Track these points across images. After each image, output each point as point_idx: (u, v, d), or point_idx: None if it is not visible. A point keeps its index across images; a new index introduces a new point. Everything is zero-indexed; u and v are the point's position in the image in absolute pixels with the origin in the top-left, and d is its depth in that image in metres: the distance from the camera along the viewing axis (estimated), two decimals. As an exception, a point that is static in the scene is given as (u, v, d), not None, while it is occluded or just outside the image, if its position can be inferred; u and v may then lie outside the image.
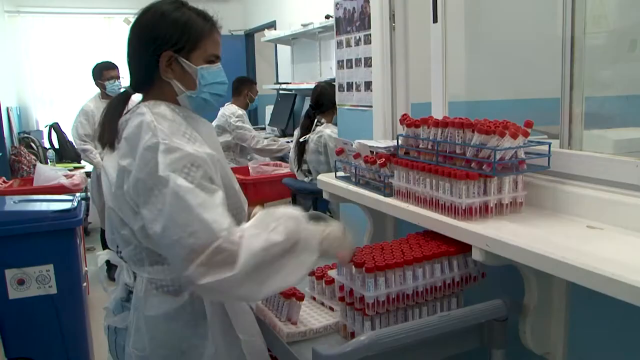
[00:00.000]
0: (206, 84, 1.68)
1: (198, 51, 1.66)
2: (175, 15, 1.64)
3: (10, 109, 7.20)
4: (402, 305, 1.60)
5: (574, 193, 1.70)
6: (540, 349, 1.70)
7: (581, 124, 1.87)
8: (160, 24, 1.63)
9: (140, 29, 1.66)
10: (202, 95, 1.69)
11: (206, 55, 1.68)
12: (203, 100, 1.70)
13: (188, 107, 1.70)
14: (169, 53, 1.62)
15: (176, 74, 1.65)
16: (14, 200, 3.47)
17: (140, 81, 1.70)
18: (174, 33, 1.62)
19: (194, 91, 1.67)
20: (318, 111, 4.45)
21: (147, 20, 1.65)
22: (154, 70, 1.64)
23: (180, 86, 1.66)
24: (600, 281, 1.23)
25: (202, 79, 1.67)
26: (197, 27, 1.66)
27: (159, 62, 1.63)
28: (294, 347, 1.62)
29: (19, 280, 3.14)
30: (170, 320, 1.62)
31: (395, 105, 2.65)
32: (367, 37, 2.74)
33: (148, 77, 1.67)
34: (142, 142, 1.50)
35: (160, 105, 1.63)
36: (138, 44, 1.67)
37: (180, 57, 1.64)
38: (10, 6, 8.12)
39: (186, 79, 1.66)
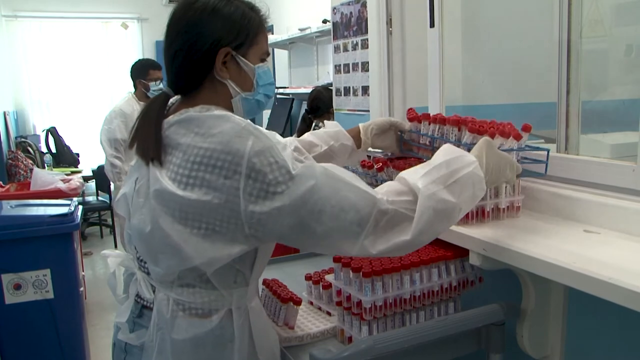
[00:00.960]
0: (263, 84, 1.54)
1: (255, 47, 1.51)
2: (229, 9, 1.47)
3: (7, 113, 7.20)
4: (399, 310, 1.60)
5: (571, 197, 1.70)
6: (538, 353, 1.70)
7: (578, 128, 1.88)
8: (213, 19, 1.45)
9: (189, 26, 1.45)
10: (257, 96, 1.54)
11: (262, 52, 1.54)
12: (257, 102, 1.55)
13: (240, 110, 1.53)
14: (227, 50, 1.45)
15: (232, 73, 1.49)
16: (10, 205, 3.46)
17: (187, 83, 1.49)
18: (231, 28, 1.46)
19: (250, 92, 1.52)
20: (313, 115, 4.45)
21: (195, 15, 1.45)
22: (206, 70, 1.46)
23: (236, 87, 1.50)
24: (598, 285, 1.23)
25: (259, 78, 1.53)
26: (252, 21, 1.51)
27: (215, 61, 1.45)
28: (291, 352, 1.62)
29: (15, 285, 3.14)
30: (198, 345, 1.46)
31: (392, 109, 2.65)
32: (364, 41, 2.75)
33: (197, 79, 1.47)
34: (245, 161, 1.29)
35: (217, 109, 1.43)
36: (186, 42, 1.45)
37: (238, 54, 1.48)
38: (8, 10, 8.13)
39: (242, 78, 1.50)
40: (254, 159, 1.28)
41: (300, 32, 6.04)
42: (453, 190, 1.36)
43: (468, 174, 1.39)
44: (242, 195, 1.29)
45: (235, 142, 1.30)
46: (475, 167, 1.40)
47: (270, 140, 1.32)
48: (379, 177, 2.00)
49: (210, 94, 1.48)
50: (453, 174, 1.37)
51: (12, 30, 8.27)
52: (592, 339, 1.65)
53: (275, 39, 6.98)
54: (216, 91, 1.49)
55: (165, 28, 1.50)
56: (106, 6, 8.65)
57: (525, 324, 1.65)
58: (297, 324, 1.71)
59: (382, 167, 1.98)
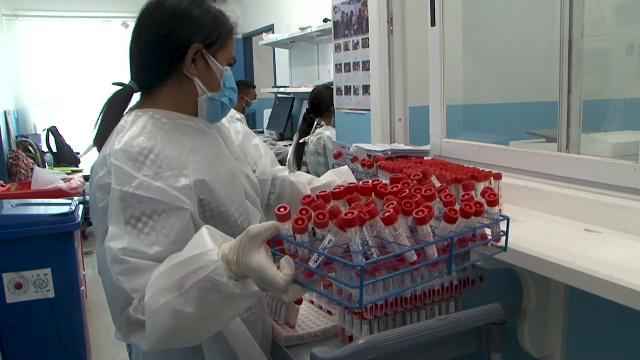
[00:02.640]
0: (229, 87, 1.52)
1: (223, 50, 1.50)
2: (202, 9, 1.47)
3: (8, 112, 7.20)
4: (400, 309, 1.60)
5: (571, 196, 1.70)
6: (539, 352, 1.70)
7: (579, 127, 1.88)
8: (190, 13, 1.44)
9: (162, 19, 1.44)
10: (222, 98, 1.51)
11: (229, 57, 1.53)
12: (221, 104, 1.52)
13: (204, 111, 1.51)
14: (198, 46, 1.44)
15: (199, 71, 1.47)
16: (11, 204, 3.46)
17: (152, 77, 1.48)
18: (204, 27, 1.45)
19: (217, 93, 1.50)
20: (315, 114, 4.45)
21: (170, 10, 1.44)
22: (173, 66, 1.45)
23: (203, 86, 1.47)
24: (598, 284, 1.23)
25: (226, 80, 1.51)
26: (224, 25, 1.50)
27: (186, 56, 1.44)
28: (292, 351, 1.61)
29: (16, 284, 3.14)
30: (166, 352, 1.48)
31: (393, 108, 2.65)
32: (365, 40, 2.75)
33: (163, 73, 1.46)
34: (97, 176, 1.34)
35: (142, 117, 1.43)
36: (157, 35, 1.43)
37: (209, 53, 1.47)
38: (8, 10, 8.12)
39: (209, 78, 1.49)
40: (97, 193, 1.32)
41: (301, 31, 6.04)
42: (189, 298, 1.14)
43: (207, 279, 1.13)
44: None
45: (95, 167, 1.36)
46: (214, 270, 1.13)
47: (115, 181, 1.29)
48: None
49: (174, 91, 1.47)
50: (188, 278, 1.14)
51: (13, 30, 8.27)
52: (592, 338, 1.65)
53: (276, 38, 6.99)
54: (181, 89, 1.47)
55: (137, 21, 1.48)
56: (107, 5, 8.64)
57: (526, 323, 1.65)
58: (297, 323, 1.71)
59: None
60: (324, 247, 1.07)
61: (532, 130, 2.56)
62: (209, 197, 1.42)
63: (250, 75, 9.27)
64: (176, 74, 1.46)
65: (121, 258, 1.23)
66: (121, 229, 1.26)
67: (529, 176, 1.89)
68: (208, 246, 1.16)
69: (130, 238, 1.25)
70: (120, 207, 1.27)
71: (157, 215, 1.28)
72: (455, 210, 1.16)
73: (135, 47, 1.48)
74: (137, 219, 1.27)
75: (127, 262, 1.23)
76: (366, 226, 1.08)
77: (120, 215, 1.26)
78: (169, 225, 1.29)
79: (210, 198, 1.42)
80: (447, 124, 2.32)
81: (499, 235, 1.32)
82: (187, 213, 1.32)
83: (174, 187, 1.31)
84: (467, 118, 2.70)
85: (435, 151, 2.31)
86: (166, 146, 1.36)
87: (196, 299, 1.13)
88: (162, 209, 1.29)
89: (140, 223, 1.27)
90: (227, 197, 1.46)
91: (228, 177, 1.50)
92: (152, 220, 1.28)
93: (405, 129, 2.66)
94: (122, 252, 1.23)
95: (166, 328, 1.15)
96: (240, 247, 1.12)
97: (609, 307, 1.27)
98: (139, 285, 1.21)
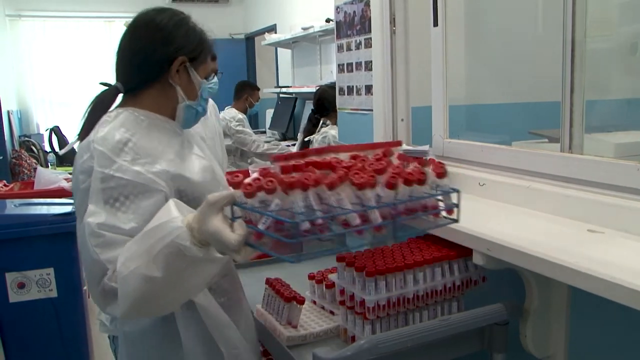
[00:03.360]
0: (205, 98, 1.69)
1: (204, 65, 1.67)
2: (193, 25, 1.66)
3: (11, 112, 7.21)
4: (402, 309, 1.60)
5: (574, 197, 1.69)
6: (541, 352, 1.69)
7: (582, 128, 1.87)
8: (179, 29, 1.62)
9: (157, 29, 1.61)
10: (198, 107, 1.68)
11: (207, 72, 1.69)
12: (196, 112, 1.69)
13: (180, 117, 1.66)
14: (184, 59, 1.60)
15: (182, 81, 1.62)
16: (14, 204, 3.46)
17: (139, 82, 1.63)
18: (191, 41, 1.63)
19: (194, 102, 1.66)
20: (320, 114, 4.46)
21: (164, 21, 1.62)
22: (160, 73, 1.60)
23: (183, 94, 1.63)
24: (601, 285, 1.22)
25: (203, 92, 1.67)
26: (208, 42, 1.68)
27: (172, 66, 1.60)
28: (294, 351, 1.62)
29: (19, 284, 3.14)
30: (145, 336, 1.62)
31: (396, 109, 2.65)
32: (368, 40, 2.75)
33: (149, 79, 1.62)
34: (81, 160, 1.47)
35: (124, 114, 1.58)
36: (149, 42, 1.61)
37: (192, 66, 1.63)
38: (12, 10, 8.14)
39: (190, 88, 1.65)
40: (80, 175, 1.46)
41: (303, 31, 6.05)
42: (157, 262, 1.24)
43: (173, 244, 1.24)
44: None
45: (79, 152, 1.51)
46: (180, 235, 1.24)
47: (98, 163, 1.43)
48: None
49: (157, 96, 1.63)
50: (156, 245, 1.25)
51: (16, 30, 8.29)
52: (595, 338, 1.65)
53: (278, 38, 6.99)
54: (163, 94, 1.63)
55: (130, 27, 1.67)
56: (109, 5, 8.65)
57: (529, 323, 1.65)
58: (300, 323, 1.72)
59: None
60: (272, 211, 1.19)
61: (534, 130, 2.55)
62: (186, 186, 1.54)
63: (252, 75, 9.28)
64: (161, 81, 1.61)
65: (98, 232, 1.35)
66: (100, 207, 1.38)
67: (531, 176, 1.89)
68: (173, 214, 1.27)
69: (108, 215, 1.37)
70: (101, 188, 1.40)
71: (133, 196, 1.41)
72: (396, 177, 1.28)
73: (127, 53, 1.65)
74: (115, 199, 1.40)
75: (104, 236, 1.35)
76: (312, 193, 1.21)
77: (100, 195, 1.39)
78: (144, 205, 1.41)
79: (187, 187, 1.54)
80: (450, 124, 2.32)
81: (451, 207, 1.42)
82: (162, 194, 1.45)
83: (150, 172, 1.45)
84: (470, 118, 2.70)
85: (437, 151, 2.31)
86: (143, 138, 1.51)
87: (163, 264, 1.23)
88: (139, 190, 1.42)
89: (118, 202, 1.39)
90: (202, 184, 1.58)
91: (201, 169, 1.63)
92: (129, 200, 1.40)
93: (407, 129, 2.65)
94: (99, 227, 1.36)
95: (137, 293, 1.26)
96: (200, 215, 1.24)
97: (611, 308, 1.27)
98: (114, 257, 1.31)
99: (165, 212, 1.29)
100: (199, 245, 1.24)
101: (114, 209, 1.38)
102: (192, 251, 1.23)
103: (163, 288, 1.27)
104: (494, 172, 2.05)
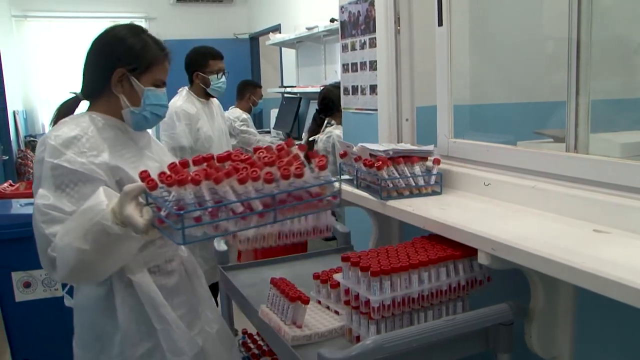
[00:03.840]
0: (149, 103, 1.90)
1: (148, 74, 1.90)
2: (133, 40, 1.89)
3: (17, 112, 7.23)
4: (407, 309, 1.60)
5: (580, 197, 1.69)
6: (547, 353, 1.69)
7: (587, 128, 1.87)
8: (118, 45, 1.88)
9: (100, 45, 1.91)
10: (144, 112, 1.90)
11: (154, 79, 1.91)
12: (144, 117, 1.91)
13: (129, 121, 1.91)
14: (122, 70, 1.86)
15: (125, 90, 1.88)
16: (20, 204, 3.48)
17: (91, 90, 1.94)
18: (130, 55, 1.87)
19: (137, 108, 1.89)
20: (324, 114, 4.45)
21: (107, 39, 1.92)
22: (105, 83, 1.88)
23: (127, 101, 1.88)
24: (607, 285, 1.22)
25: (146, 98, 1.89)
26: (150, 53, 1.90)
27: (112, 77, 1.86)
28: (299, 351, 1.61)
29: (25, 283, 3.15)
30: (89, 308, 1.91)
31: (401, 108, 2.64)
32: (372, 40, 2.74)
33: (98, 88, 1.90)
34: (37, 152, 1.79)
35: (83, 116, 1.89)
36: (95, 57, 1.92)
37: (132, 76, 1.87)
38: (18, 10, 8.16)
39: (133, 96, 1.89)
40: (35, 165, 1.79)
41: (307, 31, 6.05)
42: (87, 238, 1.56)
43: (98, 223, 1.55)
44: None
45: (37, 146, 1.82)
46: (103, 217, 1.55)
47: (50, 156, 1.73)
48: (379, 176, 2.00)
49: (107, 102, 1.91)
50: (85, 224, 1.57)
51: (22, 30, 8.31)
52: (601, 339, 1.65)
53: (282, 38, 6.99)
54: (110, 101, 1.90)
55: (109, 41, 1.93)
56: (115, 6, 8.67)
57: (534, 324, 1.65)
58: (305, 323, 1.71)
59: (381, 166, 1.98)
60: (169, 201, 1.47)
61: (540, 130, 2.55)
62: (123, 177, 1.81)
63: (257, 75, 9.28)
64: (108, 89, 1.89)
65: (45, 211, 1.67)
66: (50, 192, 1.69)
67: (537, 176, 1.88)
68: (100, 199, 1.57)
69: (54, 198, 1.69)
70: (51, 175, 1.70)
71: (79, 182, 1.71)
72: (271, 173, 1.55)
73: (84, 65, 1.94)
74: (64, 184, 1.70)
75: (49, 214, 1.67)
76: (204, 186, 1.48)
77: (50, 181, 1.70)
78: (85, 191, 1.69)
79: (125, 178, 1.80)
80: (455, 124, 2.31)
81: (335, 194, 1.69)
82: (102, 183, 1.72)
83: (93, 163, 1.74)
84: (475, 118, 2.69)
85: (442, 151, 2.30)
86: (94, 136, 1.81)
87: (91, 239, 1.55)
88: (82, 178, 1.72)
89: (66, 187, 1.70)
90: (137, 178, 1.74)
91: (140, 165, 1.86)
92: (74, 186, 1.71)
93: (412, 129, 2.65)
94: (46, 207, 1.67)
95: (72, 261, 1.59)
96: (119, 201, 1.55)
97: (618, 309, 1.26)
98: (56, 231, 1.63)
99: (95, 197, 1.59)
100: (121, 225, 1.55)
101: (60, 193, 1.70)
102: (113, 229, 1.54)
103: (92, 258, 1.60)
104: (499, 172, 2.04)
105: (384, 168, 2.00)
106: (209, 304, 2.14)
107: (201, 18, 8.90)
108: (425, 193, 2.08)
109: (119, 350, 1.86)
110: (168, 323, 1.87)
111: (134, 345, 1.86)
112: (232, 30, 9.18)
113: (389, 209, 2.00)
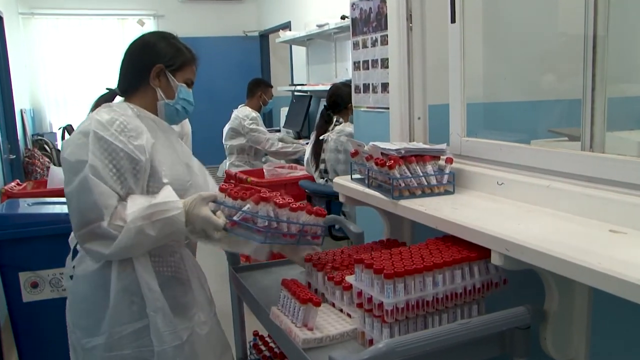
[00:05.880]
0: (182, 98, 2.17)
1: (181, 72, 2.16)
2: (172, 41, 2.17)
3: (24, 111, 7.23)
4: (421, 312, 1.57)
5: (596, 196, 1.66)
6: (562, 356, 1.67)
7: (603, 126, 1.84)
8: (159, 43, 2.14)
9: (140, 46, 2.17)
10: (176, 105, 2.17)
11: (185, 78, 2.18)
12: (176, 109, 2.18)
13: (162, 112, 2.16)
14: (160, 66, 2.11)
15: (162, 84, 2.13)
16: (27, 203, 3.48)
17: (129, 85, 2.15)
18: (168, 53, 2.13)
19: (172, 100, 2.15)
20: (332, 111, 4.44)
21: (145, 41, 2.17)
22: (143, 77, 2.11)
23: (162, 94, 2.13)
24: (624, 287, 1.20)
25: (180, 93, 2.16)
26: (183, 55, 2.17)
27: (150, 72, 2.10)
28: (310, 354, 1.60)
29: (32, 283, 3.15)
30: (86, 280, 2.08)
31: (413, 107, 2.62)
32: (384, 37, 2.72)
33: (136, 83, 2.13)
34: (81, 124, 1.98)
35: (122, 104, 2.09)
36: (135, 56, 2.16)
37: (168, 72, 2.12)
38: (25, 8, 8.17)
39: (168, 90, 2.15)
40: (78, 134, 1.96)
41: (318, 28, 6.03)
42: (155, 226, 1.88)
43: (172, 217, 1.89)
44: None
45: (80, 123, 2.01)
46: (179, 214, 1.89)
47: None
48: (391, 175, 1.98)
49: (144, 96, 2.14)
50: (159, 214, 1.87)
51: (29, 28, 8.31)
52: (618, 342, 1.63)
53: (293, 36, 6.98)
54: (146, 95, 2.14)
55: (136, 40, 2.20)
56: (123, 3, 8.68)
57: (549, 326, 1.62)
58: (316, 325, 1.69)
59: (393, 165, 1.96)
60: (243, 211, 1.85)
61: (554, 128, 2.52)
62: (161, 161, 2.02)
63: (267, 73, 9.27)
64: (145, 84, 2.12)
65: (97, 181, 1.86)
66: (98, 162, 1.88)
67: (551, 175, 1.86)
68: (175, 196, 1.94)
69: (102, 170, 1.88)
70: (99, 147, 1.89)
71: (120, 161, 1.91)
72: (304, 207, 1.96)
73: (122, 63, 2.17)
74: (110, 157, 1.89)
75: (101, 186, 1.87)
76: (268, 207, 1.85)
77: (98, 152, 1.88)
78: (124, 168, 1.92)
79: (158, 164, 2.01)
80: (468, 122, 2.29)
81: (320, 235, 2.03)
82: (141, 162, 1.94)
83: (132, 144, 1.94)
84: (488, 116, 2.67)
85: (455, 150, 2.28)
86: (132, 121, 2.00)
87: (159, 228, 1.88)
88: (121, 155, 1.91)
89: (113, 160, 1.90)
90: (167, 164, 2.05)
91: (170, 153, 2.11)
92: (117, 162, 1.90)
93: (424, 127, 2.63)
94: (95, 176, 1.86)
95: (131, 241, 1.86)
96: (193, 203, 1.91)
97: (634, 310, 1.24)
98: (109, 205, 1.87)
99: (169, 194, 1.93)
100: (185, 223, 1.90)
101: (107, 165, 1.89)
102: (181, 225, 1.90)
103: (148, 243, 1.90)
104: (513, 171, 2.02)
105: (395, 167, 1.98)
106: (205, 309, 2.21)
107: (210, 15, 8.90)
108: (438, 192, 2.07)
109: (109, 325, 2.02)
110: (155, 310, 2.00)
111: (123, 323, 2.01)
112: (242, 28, 9.18)
113: (400, 208, 1.99)
